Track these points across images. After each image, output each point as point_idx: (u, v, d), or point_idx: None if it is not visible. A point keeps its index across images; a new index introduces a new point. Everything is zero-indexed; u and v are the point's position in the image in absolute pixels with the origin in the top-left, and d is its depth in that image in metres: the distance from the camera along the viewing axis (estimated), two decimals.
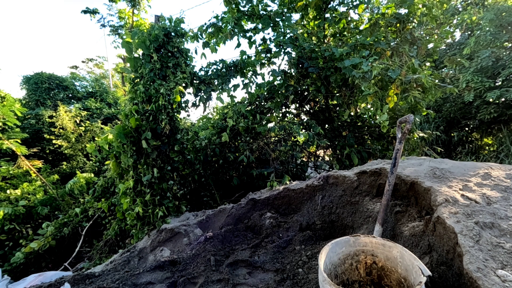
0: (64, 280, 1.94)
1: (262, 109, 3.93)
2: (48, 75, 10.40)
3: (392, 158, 1.62)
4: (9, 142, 4.86)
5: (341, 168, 3.59)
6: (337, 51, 3.26)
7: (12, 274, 3.29)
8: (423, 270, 1.04)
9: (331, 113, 4.12)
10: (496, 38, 6.14)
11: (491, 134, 7.11)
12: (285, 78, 3.87)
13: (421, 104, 3.00)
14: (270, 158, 3.68)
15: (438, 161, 2.20)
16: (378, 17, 3.77)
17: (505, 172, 1.81)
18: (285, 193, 2.51)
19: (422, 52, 3.67)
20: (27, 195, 4.71)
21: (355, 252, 1.34)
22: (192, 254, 2.02)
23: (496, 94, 5.66)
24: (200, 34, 4.01)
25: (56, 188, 5.63)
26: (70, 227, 3.96)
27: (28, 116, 8.45)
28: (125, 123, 2.85)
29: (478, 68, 6.12)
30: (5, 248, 3.98)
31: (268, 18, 3.89)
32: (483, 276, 1.04)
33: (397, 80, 2.82)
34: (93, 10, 10.26)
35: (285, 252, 1.99)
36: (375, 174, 2.16)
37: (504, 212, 1.36)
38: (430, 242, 1.45)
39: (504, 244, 1.18)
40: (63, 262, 3.45)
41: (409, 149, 3.49)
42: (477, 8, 7.33)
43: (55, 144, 8.01)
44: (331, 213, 2.22)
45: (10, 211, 4.07)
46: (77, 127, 8.17)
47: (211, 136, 3.94)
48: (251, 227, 2.36)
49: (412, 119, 1.54)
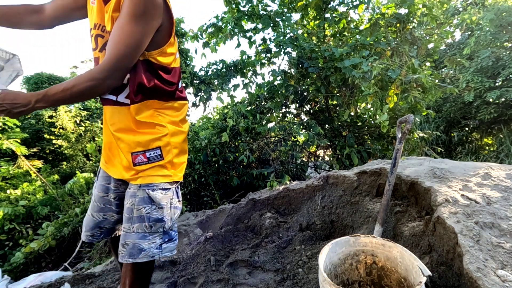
0: (64, 280, 1.94)
1: (262, 109, 3.93)
2: (48, 75, 10.40)
3: (392, 158, 1.62)
4: (9, 142, 4.86)
5: (341, 168, 3.59)
6: (337, 51, 3.26)
7: (12, 274, 3.29)
8: (423, 270, 1.04)
9: (331, 113, 4.12)
10: (496, 38, 6.14)
11: (491, 134, 7.12)
12: (285, 78, 3.87)
13: (421, 104, 3.00)
14: (270, 158, 3.69)
15: (438, 161, 2.20)
16: (378, 17, 3.77)
17: (505, 172, 1.81)
18: (285, 193, 2.51)
19: (422, 52, 3.67)
20: (27, 195, 4.70)
21: (355, 252, 1.34)
22: (192, 254, 2.02)
23: (496, 94, 5.66)
24: (200, 34, 4.01)
25: (56, 188, 5.63)
26: (70, 227, 3.96)
27: (28, 116, 8.45)
28: None
29: (478, 68, 6.12)
30: (5, 248, 3.98)
31: (268, 18, 3.89)
32: (483, 276, 1.04)
33: (397, 80, 2.82)
34: None
35: (285, 252, 1.99)
36: (375, 174, 2.16)
37: (504, 212, 1.36)
38: (430, 242, 1.45)
39: (504, 244, 1.18)
40: (63, 262, 3.45)
41: (409, 149, 3.49)
42: (477, 8, 7.33)
43: (55, 144, 8.00)
44: (331, 213, 2.22)
45: (10, 211, 4.07)
46: (77, 127, 8.17)
47: (211, 136, 3.95)
48: (251, 227, 2.36)
49: (412, 119, 1.54)
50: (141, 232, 0.96)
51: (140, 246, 0.95)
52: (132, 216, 0.96)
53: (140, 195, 0.96)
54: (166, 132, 0.98)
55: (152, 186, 0.97)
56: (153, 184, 0.97)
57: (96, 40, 0.96)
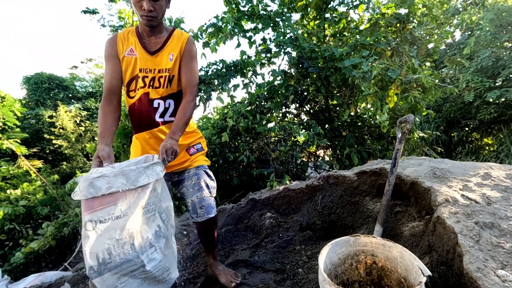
0: (64, 280, 1.94)
1: (262, 109, 3.93)
2: (48, 75, 10.39)
3: (392, 158, 1.62)
4: (9, 142, 4.86)
5: (341, 168, 3.59)
6: (337, 51, 3.25)
7: (12, 274, 3.29)
8: (423, 270, 1.04)
9: (331, 113, 4.12)
10: (496, 38, 6.14)
11: (491, 134, 7.11)
12: (285, 78, 3.86)
13: (421, 104, 3.00)
14: (270, 158, 3.68)
15: (438, 161, 2.20)
16: (378, 17, 3.77)
17: (505, 172, 1.81)
18: (285, 193, 2.51)
19: (422, 52, 3.67)
20: (27, 195, 4.70)
21: (355, 252, 1.34)
22: (192, 254, 2.02)
23: (496, 94, 5.65)
24: (200, 34, 4.01)
25: (56, 188, 5.62)
26: (70, 227, 3.95)
27: (28, 116, 8.45)
28: (125, 123, 2.85)
29: (478, 68, 6.11)
30: (5, 248, 3.97)
31: (268, 18, 3.89)
32: (483, 276, 1.04)
33: (397, 80, 2.82)
34: (93, 10, 10.24)
35: (285, 252, 1.99)
36: (375, 174, 2.16)
37: (504, 212, 1.36)
38: (430, 242, 1.45)
39: (504, 244, 1.18)
40: (63, 262, 3.44)
41: (409, 149, 3.49)
42: (477, 8, 7.32)
43: (55, 144, 8.00)
44: (331, 213, 2.22)
45: (10, 211, 4.06)
46: (77, 127, 8.17)
47: (211, 136, 3.94)
48: (251, 227, 2.36)
49: (412, 119, 1.54)
50: (208, 196, 1.44)
51: (211, 205, 1.45)
52: (200, 186, 1.43)
53: (201, 173, 1.48)
54: (200, 134, 1.57)
55: (204, 167, 1.53)
56: (204, 165, 1.53)
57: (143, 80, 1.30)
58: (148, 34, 1.30)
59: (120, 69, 1.30)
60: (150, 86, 1.31)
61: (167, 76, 1.32)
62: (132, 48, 1.28)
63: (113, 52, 1.29)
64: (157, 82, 1.31)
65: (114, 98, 1.28)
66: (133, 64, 1.29)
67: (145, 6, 1.17)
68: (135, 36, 1.30)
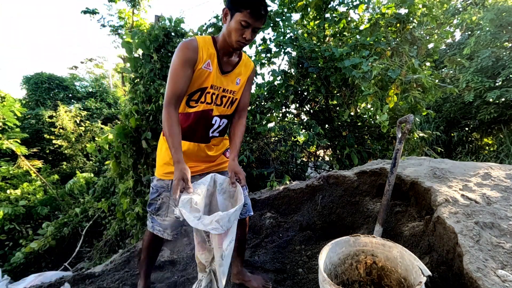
0: (64, 280, 1.94)
1: (262, 109, 3.93)
2: (48, 75, 10.39)
3: (392, 158, 1.62)
4: (9, 142, 4.87)
5: (341, 168, 3.59)
6: (337, 51, 3.25)
7: (12, 274, 3.29)
8: (423, 270, 1.04)
9: (331, 113, 4.12)
10: (496, 38, 6.14)
11: (491, 134, 7.11)
12: (285, 78, 3.86)
13: (421, 104, 3.00)
14: (270, 158, 3.68)
15: (438, 161, 2.20)
16: (378, 17, 3.77)
17: (505, 172, 1.81)
18: (285, 193, 2.51)
19: (422, 52, 3.67)
20: (27, 195, 4.71)
21: (355, 252, 1.34)
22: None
23: (496, 94, 5.65)
24: (200, 34, 4.01)
25: (56, 188, 5.63)
26: (70, 227, 3.96)
27: (28, 116, 8.45)
28: (125, 123, 2.85)
29: (478, 68, 6.11)
30: (5, 248, 3.98)
31: (268, 18, 3.89)
32: (483, 276, 1.04)
33: (397, 80, 2.81)
34: (93, 10, 10.26)
35: (285, 252, 1.99)
36: (375, 174, 2.16)
37: (504, 212, 1.36)
38: (430, 242, 1.45)
39: (504, 244, 1.18)
40: (63, 262, 3.45)
41: (409, 149, 3.49)
42: (477, 8, 7.33)
43: (55, 144, 8.00)
44: (331, 213, 2.22)
45: (10, 211, 4.07)
46: (77, 127, 8.17)
47: None
48: (251, 227, 2.36)
49: (412, 119, 1.54)
50: (247, 195, 1.51)
51: (250, 204, 1.56)
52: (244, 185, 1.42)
53: None
54: None
55: None
56: None
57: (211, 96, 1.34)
58: (226, 54, 1.31)
59: (191, 77, 1.27)
60: (215, 103, 1.35)
61: (231, 98, 1.38)
62: (210, 62, 1.27)
63: (193, 59, 1.24)
64: (219, 100, 1.35)
65: (178, 104, 1.27)
66: (205, 78, 1.28)
67: (247, 36, 1.20)
68: (214, 50, 1.29)
